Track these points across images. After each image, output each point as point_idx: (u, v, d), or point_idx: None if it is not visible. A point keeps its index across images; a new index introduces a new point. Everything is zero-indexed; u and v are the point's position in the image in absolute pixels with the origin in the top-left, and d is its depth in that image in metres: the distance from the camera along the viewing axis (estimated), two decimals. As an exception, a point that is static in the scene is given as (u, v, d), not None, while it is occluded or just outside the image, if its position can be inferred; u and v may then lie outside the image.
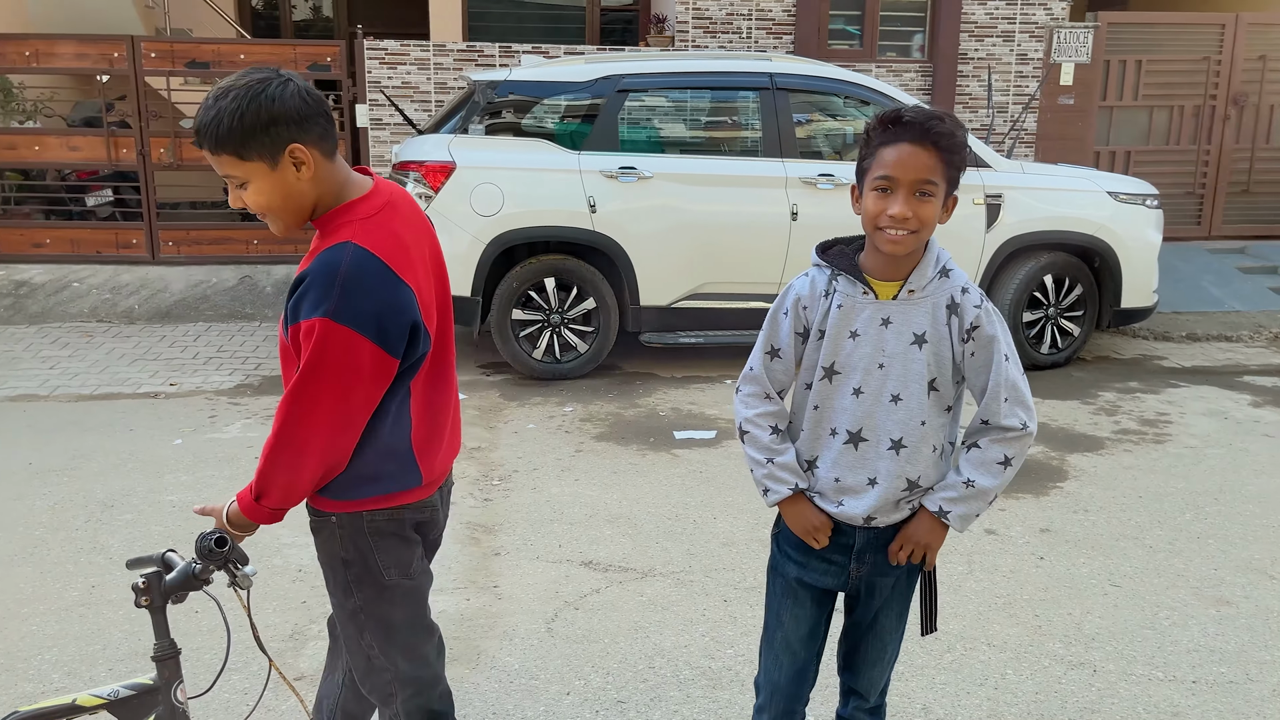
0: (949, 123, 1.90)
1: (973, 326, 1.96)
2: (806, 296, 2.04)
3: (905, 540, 2.03)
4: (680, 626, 3.33)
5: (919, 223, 1.88)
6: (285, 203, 1.84)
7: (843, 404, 2.00)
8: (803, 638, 2.14)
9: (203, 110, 1.78)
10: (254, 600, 3.46)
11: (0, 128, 8.36)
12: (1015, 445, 1.98)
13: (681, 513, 4.22)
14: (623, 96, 6.10)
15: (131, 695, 1.81)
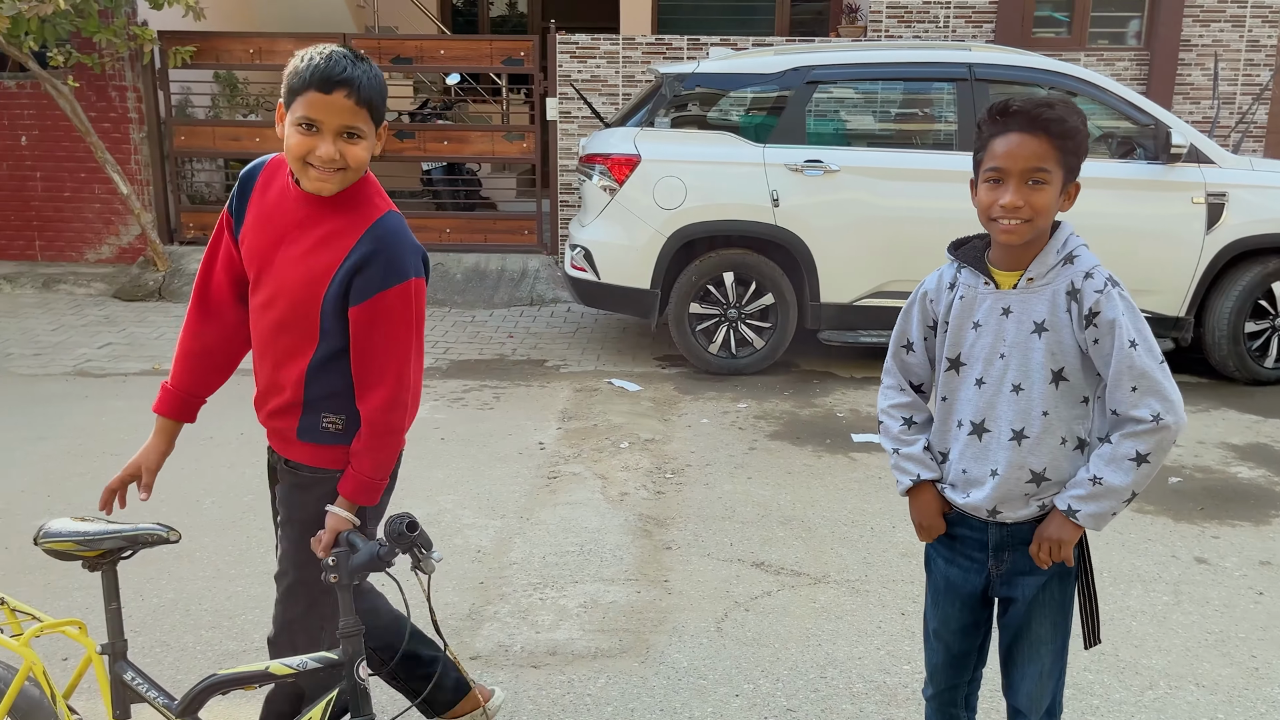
0: (1060, 108, 1.88)
1: (1092, 312, 1.90)
2: (933, 290, 2.07)
3: (1038, 539, 1.99)
4: (854, 637, 3.23)
5: (1031, 211, 1.88)
6: (363, 166, 1.97)
7: (967, 395, 2.01)
8: (954, 632, 2.15)
9: (338, 62, 1.87)
10: (435, 580, 3.60)
11: (225, 120, 9.04)
12: (1148, 439, 1.88)
13: (858, 519, 4.09)
14: (811, 88, 5.97)
15: (318, 668, 1.87)
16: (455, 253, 8.52)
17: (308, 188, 1.96)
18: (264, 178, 2.08)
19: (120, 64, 8.11)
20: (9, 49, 7.10)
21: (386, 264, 1.96)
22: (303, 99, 1.87)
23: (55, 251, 8.55)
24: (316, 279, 1.98)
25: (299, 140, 1.89)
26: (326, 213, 1.99)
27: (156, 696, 1.96)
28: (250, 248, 2.06)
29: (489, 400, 5.61)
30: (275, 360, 2.06)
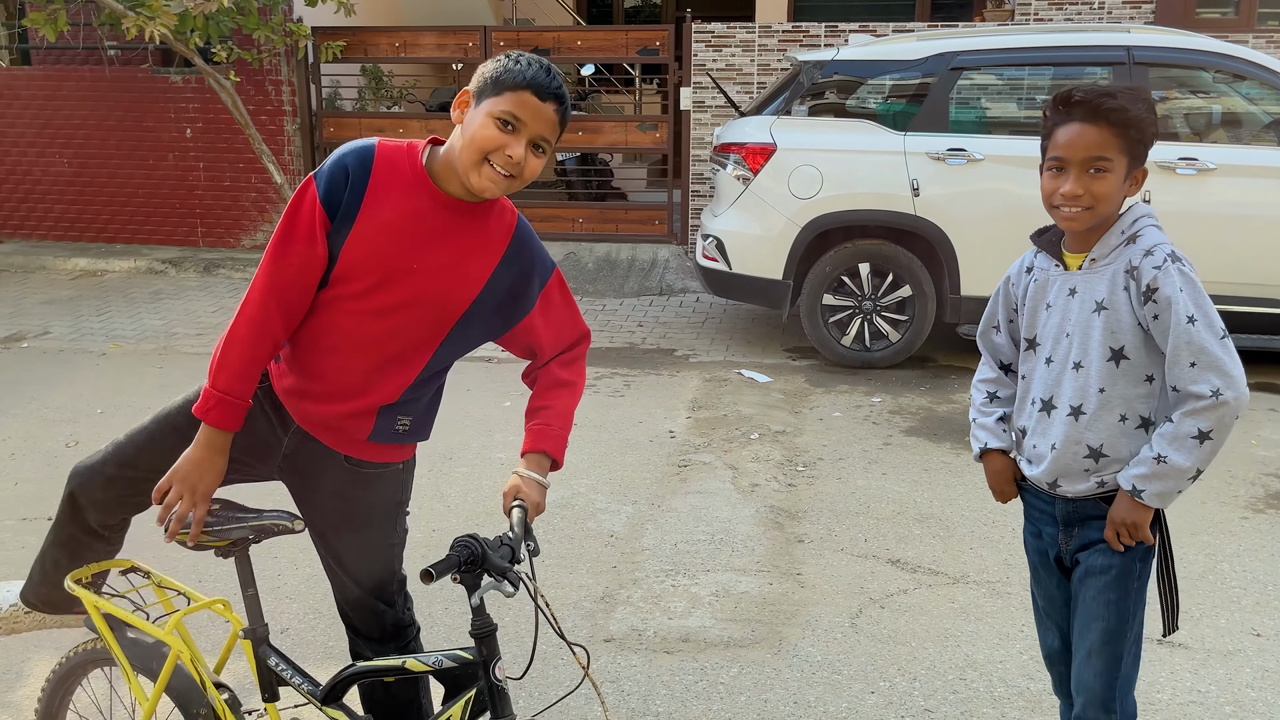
0: (1122, 98, 1.90)
1: (1150, 288, 1.92)
2: (1015, 275, 2.15)
3: (1111, 523, 1.99)
4: (995, 640, 3.13)
5: (1092, 199, 1.91)
6: (526, 182, 1.92)
7: (1040, 373, 2.07)
8: (1057, 609, 2.17)
9: (555, 75, 1.86)
10: (569, 563, 3.67)
11: (371, 111, 9.38)
12: (1209, 416, 1.88)
13: (999, 520, 3.96)
14: (955, 75, 5.79)
15: (454, 666, 1.84)
16: (587, 242, 8.63)
17: (475, 185, 1.84)
18: (380, 174, 1.90)
19: (276, 59, 8.52)
20: (175, 44, 7.53)
21: (541, 257, 2.03)
22: (513, 96, 1.80)
23: (215, 238, 9.05)
24: (466, 287, 1.94)
25: (493, 134, 1.80)
26: (467, 218, 1.93)
27: (301, 682, 1.99)
28: (372, 251, 1.88)
29: (620, 388, 5.67)
30: (377, 363, 1.95)
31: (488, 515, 4.04)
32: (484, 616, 1.76)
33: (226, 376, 1.87)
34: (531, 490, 1.93)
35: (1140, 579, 2.03)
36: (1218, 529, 3.88)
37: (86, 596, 2.12)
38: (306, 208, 1.87)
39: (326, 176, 1.88)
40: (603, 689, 2.91)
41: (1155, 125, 1.94)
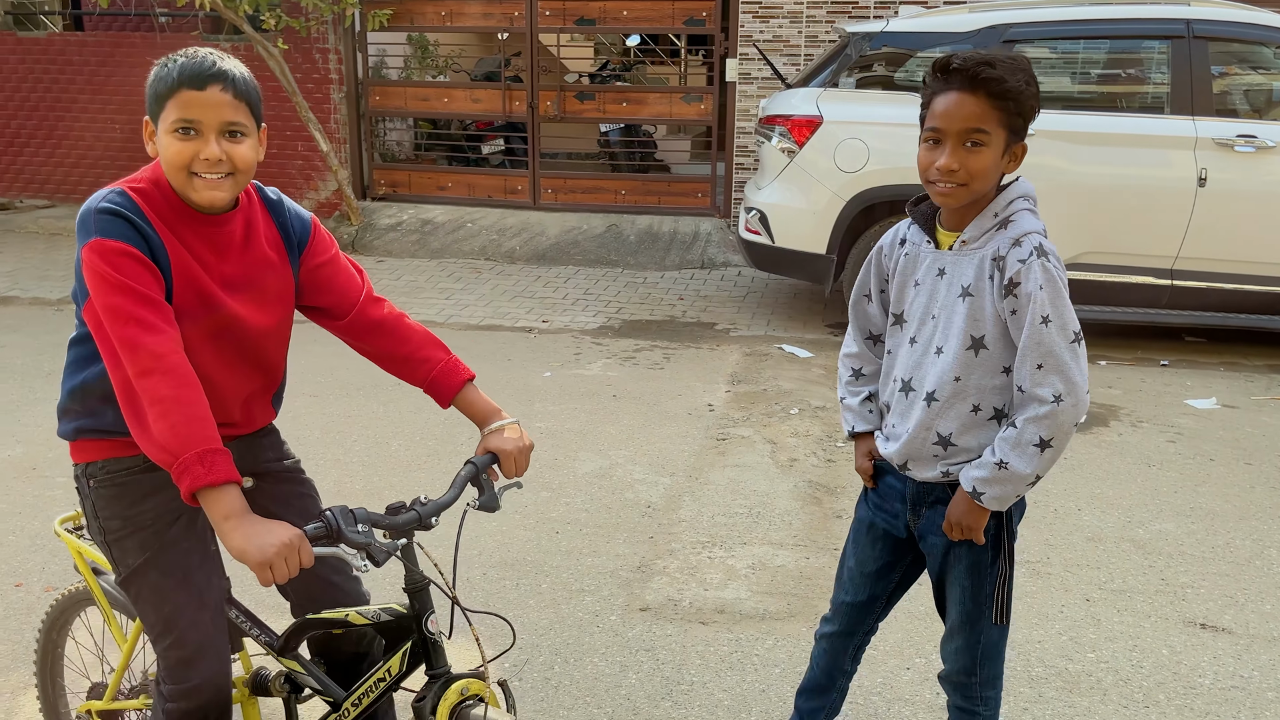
0: (1000, 67, 1.79)
1: (1012, 282, 1.84)
2: (887, 245, 2.08)
3: (949, 519, 1.97)
4: (1034, 620, 3.10)
5: (967, 174, 1.82)
6: (251, 170, 1.82)
7: (903, 352, 2.02)
8: (869, 574, 2.18)
9: (206, 57, 1.74)
10: (606, 532, 3.69)
11: (416, 80, 9.40)
12: (1049, 423, 1.82)
13: (1040, 499, 3.92)
14: (1008, 48, 5.66)
15: (390, 620, 1.87)
16: (629, 215, 8.60)
17: (202, 201, 1.76)
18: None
19: (324, 27, 8.55)
20: (225, 12, 7.59)
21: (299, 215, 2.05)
22: (173, 102, 1.71)
23: (261, 205, 9.15)
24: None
25: (179, 148, 1.71)
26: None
27: (259, 634, 2.03)
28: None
29: (659, 360, 5.67)
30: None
31: (525, 482, 4.07)
32: (415, 572, 1.79)
33: (210, 431, 1.70)
34: (509, 446, 1.92)
35: (994, 565, 2.00)
36: (1266, 514, 3.81)
37: (71, 542, 2.20)
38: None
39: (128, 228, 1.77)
40: (638, 658, 2.93)
41: (1036, 98, 1.84)
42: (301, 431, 4.55)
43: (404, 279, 7.47)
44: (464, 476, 1.86)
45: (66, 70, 9.15)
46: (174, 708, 1.86)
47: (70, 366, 1.87)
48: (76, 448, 1.89)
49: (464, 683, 1.78)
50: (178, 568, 1.86)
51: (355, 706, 1.89)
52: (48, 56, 9.20)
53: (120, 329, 1.66)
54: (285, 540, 1.59)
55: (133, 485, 1.85)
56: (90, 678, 2.44)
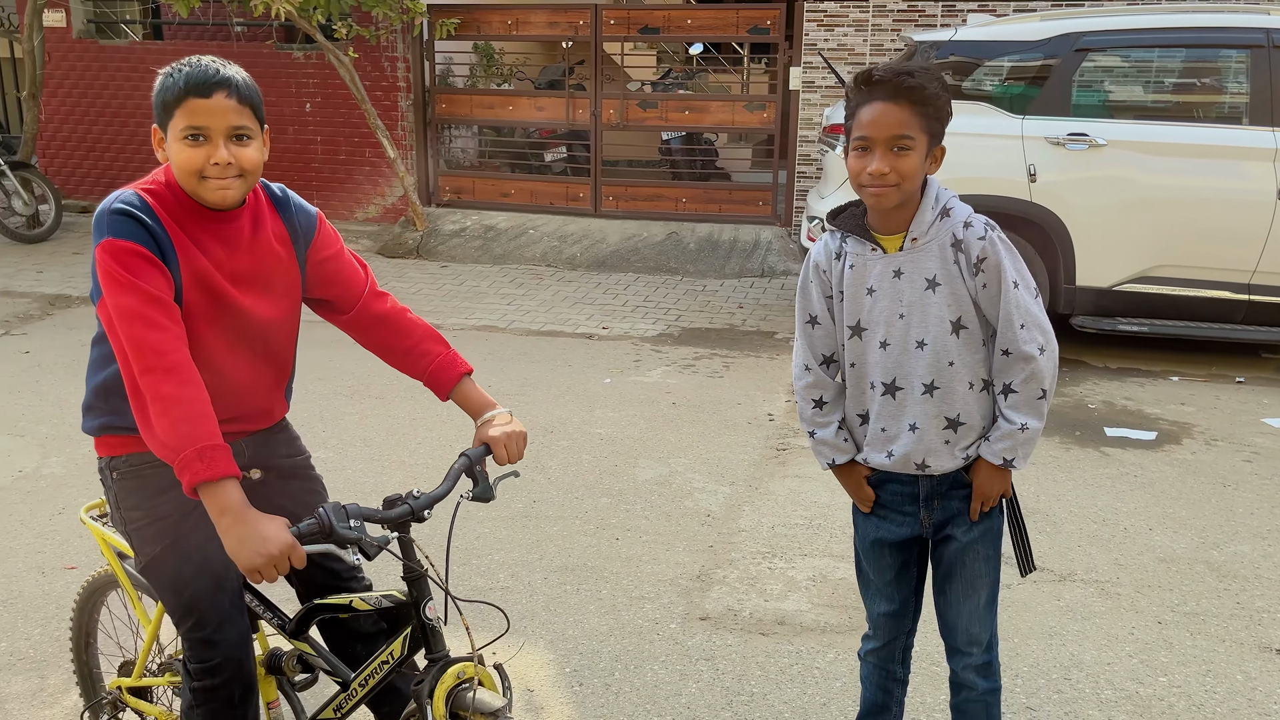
0: (919, 76, 1.92)
1: (979, 259, 1.98)
2: (823, 261, 2.12)
3: (981, 498, 2.06)
4: (1103, 642, 3.04)
5: (898, 176, 1.93)
6: (258, 170, 1.88)
7: (874, 358, 2.07)
8: (890, 582, 2.22)
9: (208, 65, 1.80)
10: (666, 540, 3.70)
11: (481, 88, 9.53)
12: (1044, 375, 1.99)
13: (1110, 518, 3.84)
14: (1080, 56, 5.57)
15: (391, 606, 1.95)
16: (689, 222, 8.61)
17: (213, 201, 1.84)
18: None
19: (393, 36, 8.71)
20: (299, 21, 7.77)
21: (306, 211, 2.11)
22: (181, 110, 1.77)
23: (330, 210, 9.33)
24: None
25: (189, 154, 1.78)
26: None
27: (271, 617, 2.13)
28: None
29: (719, 369, 5.66)
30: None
31: (586, 488, 4.09)
32: (412, 561, 1.85)
33: (213, 428, 1.75)
34: (502, 439, 1.97)
35: (1002, 530, 2.15)
36: (1348, 539, 3.68)
37: (96, 530, 2.29)
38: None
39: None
40: (698, 667, 2.93)
41: (950, 104, 1.98)
42: (368, 433, 4.64)
43: (467, 284, 7.56)
44: (457, 469, 1.92)
45: (147, 77, 9.42)
46: (199, 685, 1.96)
47: (93, 365, 1.96)
48: (101, 442, 1.98)
49: (460, 666, 1.83)
50: (195, 555, 1.94)
51: (362, 686, 1.99)
52: (129, 64, 9.50)
53: (127, 327, 1.73)
54: (273, 551, 1.66)
55: (153, 478, 1.93)
56: (121, 655, 2.53)
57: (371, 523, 1.80)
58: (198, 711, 1.99)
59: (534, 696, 2.78)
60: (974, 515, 2.08)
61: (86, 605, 2.54)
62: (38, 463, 4.28)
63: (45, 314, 6.58)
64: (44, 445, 4.45)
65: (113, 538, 2.26)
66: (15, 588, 3.33)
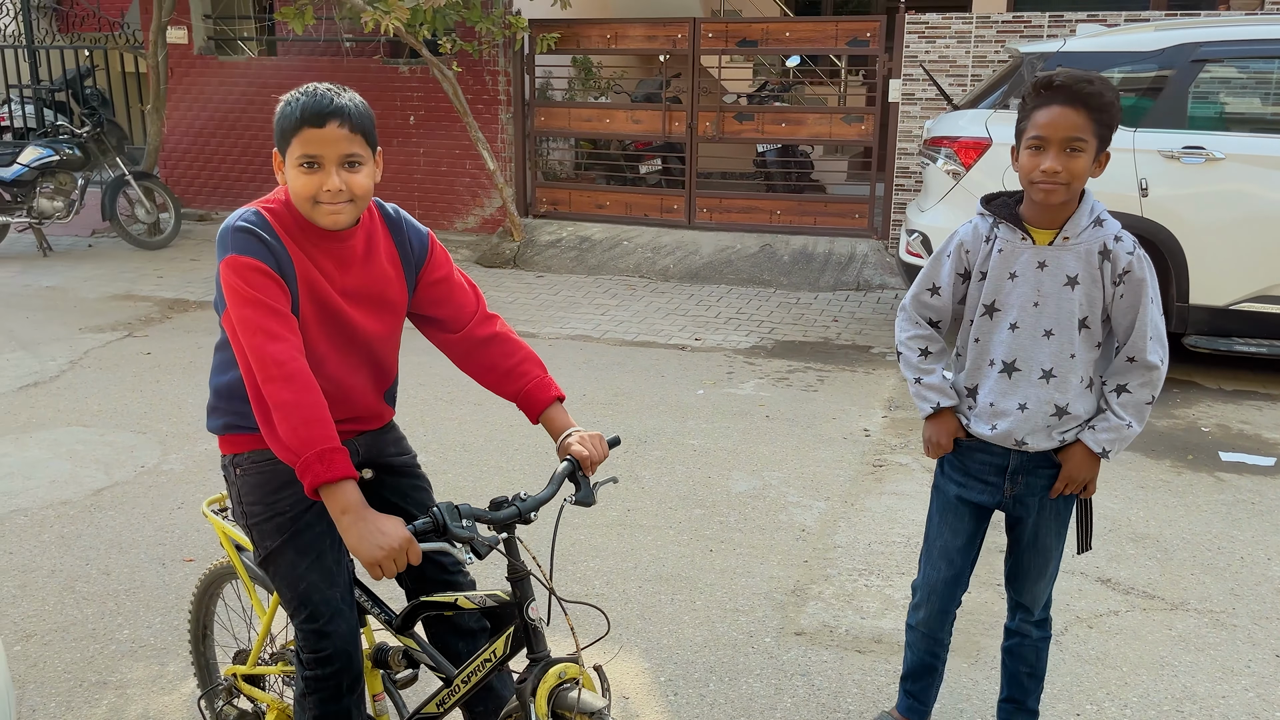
0: (1097, 84, 2.07)
1: (1125, 271, 2.15)
2: (970, 241, 2.28)
3: (1068, 479, 2.24)
4: (1218, 674, 2.93)
5: (1069, 176, 2.08)
6: (368, 195, 1.97)
7: (1000, 338, 2.24)
8: (959, 548, 2.41)
9: (323, 95, 1.88)
10: (760, 553, 3.69)
11: (580, 101, 9.66)
12: (1157, 384, 2.19)
13: (1225, 546, 3.69)
14: (1197, 68, 5.39)
15: (494, 606, 1.99)
16: (783, 235, 8.58)
17: (327, 225, 1.94)
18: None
19: (495, 50, 8.91)
20: (405, 37, 8.00)
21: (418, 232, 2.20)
22: (297, 139, 1.87)
23: (430, 220, 9.57)
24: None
25: (304, 181, 1.88)
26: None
27: (379, 612, 2.19)
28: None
29: (813, 382, 5.62)
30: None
31: (680, 498, 4.11)
32: (516, 563, 1.90)
33: (331, 429, 1.85)
34: (587, 448, 2.02)
35: (1071, 509, 2.35)
36: None
37: (216, 523, 2.40)
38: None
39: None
40: (793, 682, 2.92)
41: (1120, 112, 2.12)
42: (467, 438, 4.74)
43: (562, 294, 7.67)
44: (561, 473, 1.98)
45: (263, 92, 9.83)
46: (311, 674, 2.05)
47: (216, 368, 2.07)
48: (224, 440, 2.09)
49: (561, 667, 1.87)
50: (311, 549, 2.03)
51: (465, 683, 2.04)
52: (245, 79, 9.92)
53: (249, 338, 1.84)
54: (393, 545, 1.74)
55: (273, 474, 2.03)
56: (236, 644, 2.64)
57: (481, 523, 1.86)
58: (309, 700, 2.08)
59: (629, 704, 2.80)
60: (1055, 493, 2.26)
61: (204, 596, 2.66)
62: (159, 459, 4.49)
63: (165, 317, 6.91)
64: (164, 442, 4.68)
65: (232, 531, 2.38)
66: (138, 578, 3.50)
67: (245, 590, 2.44)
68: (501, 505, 1.90)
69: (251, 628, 2.55)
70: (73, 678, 2.95)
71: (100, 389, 5.44)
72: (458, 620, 2.21)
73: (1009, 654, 2.50)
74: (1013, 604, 2.47)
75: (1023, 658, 2.47)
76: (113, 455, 4.54)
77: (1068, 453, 2.23)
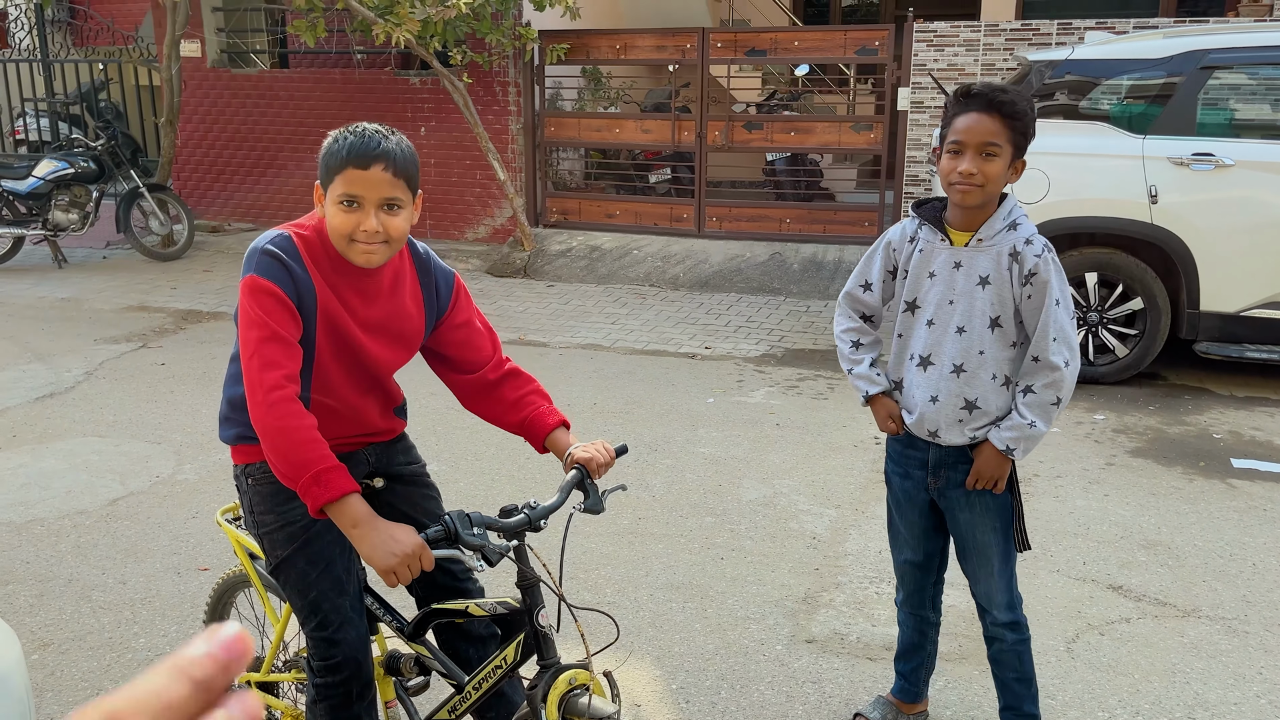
0: (1012, 95, 2.20)
1: (1031, 273, 2.26)
2: (897, 240, 2.43)
3: (977, 475, 2.36)
4: (1230, 681, 2.92)
5: (984, 178, 2.21)
6: (403, 238, 1.99)
7: (919, 333, 2.38)
8: (916, 536, 2.54)
9: (371, 138, 1.90)
10: (771, 561, 3.70)
11: (589, 112, 9.70)
12: (1063, 385, 2.28)
13: (1238, 553, 3.69)
14: (1205, 74, 5.39)
15: (505, 613, 2.02)
16: (793, 243, 8.60)
17: (360, 263, 1.95)
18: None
19: (505, 61, 8.96)
20: (416, 49, 8.06)
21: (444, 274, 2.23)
22: (341, 177, 1.88)
23: (441, 230, 9.63)
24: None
25: (342, 219, 1.90)
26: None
27: (391, 619, 2.22)
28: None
29: (823, 390, 5.63)
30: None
31: (690, 506, 4.12)
32: (526, 570, 1.93)
33: (324, 450, 1.90)
34: (591, 452, 2.05)
35: (1009, 506, 2.43)
36: None
37: (230, 532, 2.43)
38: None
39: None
40: (804, 690, 2.93)
41: (1035, 123, 2.24)
42: (478, 447, 4.77)
43: (572, 303, 7.70)
44: (570, 481, 2.00)
45: (274, 104, 9.91)
46: (321, 682, 2.08)
47: (229, 379, 2.10)
48: (237, 451, 2.12)
49: (572, 673, 1.89)
50: (321, 559, 2.07)
51: (476, 690, 2.06)
52: (258, 92, 10.00)
53: (246, 360, 1.88)
54: (407, 551, 1.79)
55: (285, 485, 2.04)
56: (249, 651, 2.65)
57: (491, 530, 1.89)
58: (320, 707, 2.10)
59: (641, 711, 2.82)
60: (968, 484, 2.37)
61: (218, 604, 2.69)
62: (173, 469, 4.53)
63: (179, 328, 6.96)
64: (179, 452, 4.72)
65: (245, 539, 2.40)
66: (153, 587, 3.53)
67: (259, 598, 2.47)
68: (512, 513, 1.93)
69: (265, 636, 2.58)
70: (90, 686, 2.98)
71: (115, 400, 5.49)
72: (468, 627, 2.24)
73: (994, 662, 2.56)
74: (978, 608, 2.55)
75: (1006, 664, 2.53)
76: (128, 465, 4.58)
77: (978, 449, 2.36)
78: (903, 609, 2.67)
